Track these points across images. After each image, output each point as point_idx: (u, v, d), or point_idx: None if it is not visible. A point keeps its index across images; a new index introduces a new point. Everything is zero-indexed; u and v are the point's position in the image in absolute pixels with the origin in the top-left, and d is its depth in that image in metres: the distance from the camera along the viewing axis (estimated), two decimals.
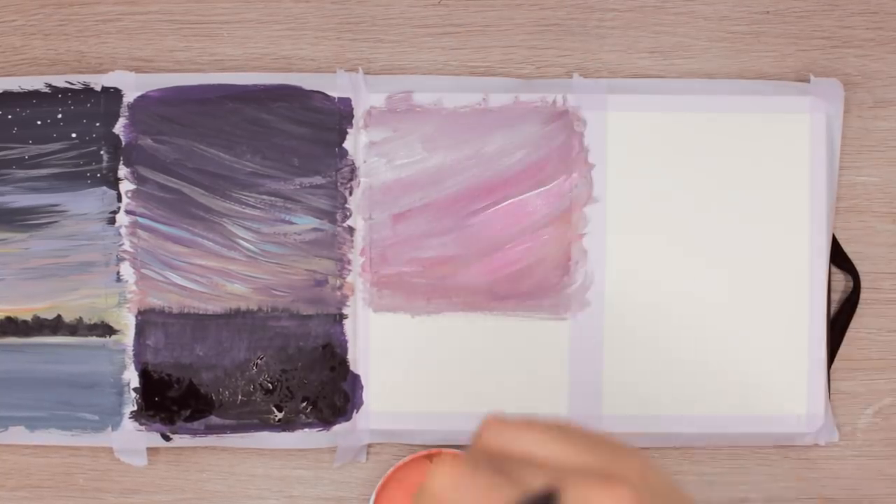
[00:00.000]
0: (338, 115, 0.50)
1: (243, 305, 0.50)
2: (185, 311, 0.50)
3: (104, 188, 0.50)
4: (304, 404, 0.50)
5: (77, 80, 0.50)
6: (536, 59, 0.52)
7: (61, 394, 0.50)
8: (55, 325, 0.50)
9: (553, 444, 0.33)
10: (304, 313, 0.50)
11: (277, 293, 0.50)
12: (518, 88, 0.50)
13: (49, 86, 0.50)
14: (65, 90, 0.50)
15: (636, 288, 0.50)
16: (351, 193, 0.50)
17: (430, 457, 0.50)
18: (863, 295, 0.51)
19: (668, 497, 0.33)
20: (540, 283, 0.50)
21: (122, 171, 0.50)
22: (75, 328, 0.50)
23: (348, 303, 0.50)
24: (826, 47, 0.51)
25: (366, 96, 0.50)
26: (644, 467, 0.33)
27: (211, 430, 0.50)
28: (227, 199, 0.50)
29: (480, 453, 0.34)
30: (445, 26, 0.52)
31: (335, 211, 0.50)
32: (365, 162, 0.50)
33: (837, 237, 0.51)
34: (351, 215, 0.50)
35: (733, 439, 0.51)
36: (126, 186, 0.50)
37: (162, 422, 0.50)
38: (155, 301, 0.50)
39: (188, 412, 0.50)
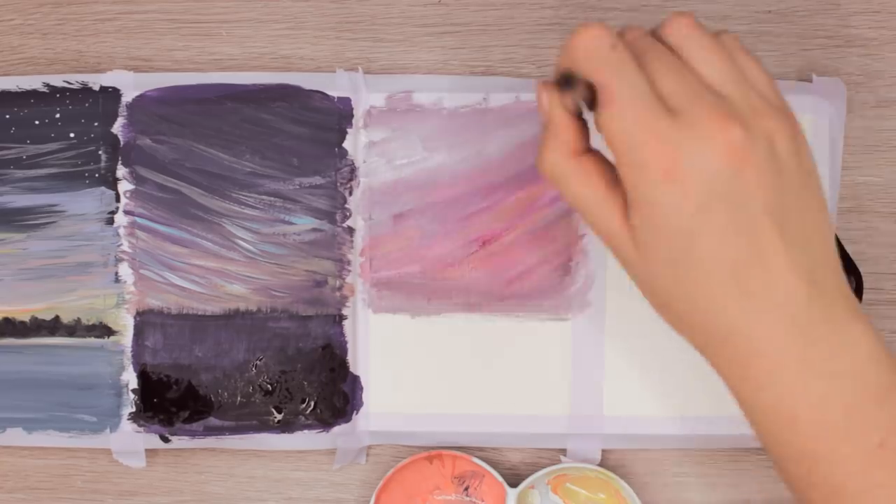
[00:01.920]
0: (337, 115, 0.50)
1: (242, 306, 0.50)
2: (184, 311, 0.50)
3: (102, 188, 0.50)
4: (304, 406, 0.50)
5: (75, 79, 0.50)
6: (537, 58, 0.51)
7: (59, 395, 0.50)
8: (53, 326, 0.50)
9: (719, 67, 0.34)
10: (304, 314, 0.50)
11: (277, 294, 0.50)
12: (519, 88, 0.50)
13: (47, 85, 0.50)
14: (63, 90, 0.50)
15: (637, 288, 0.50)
16: (351, 193, 0.50)
17: (430, 458, 0.50)
18: (865, 296, 0.51)
19: (791, 172, 0.33)
20: (541, 284, 0.50)
21: (121, 171, 0.50)
22: (73, 329, 0.50)
23: (348, 304, 0.50)
24: (828, 47, 0.51)
25: (365, 96, 0.50)
26: (784, 135, 0.33)
27: (210, 431, 0.50)
28: (226, 200, 0.50)
29: (643, 34, 0.35)
30: (446, 25, 0.51)
31: (335, 211, 0.50)
32: (365, 162, 0.50)
33: (840, 238, 0.51)
34: (350, 215, 0.50)
35: (735, 441, 0.51)
36: (124, 186, 0.50)
37: (160, 423, 0.50)
38: (154, 302, 0.50)
39: (187, 414, 0.50)
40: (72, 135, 0.50)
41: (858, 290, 0.51)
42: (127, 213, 0.50)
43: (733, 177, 0.32)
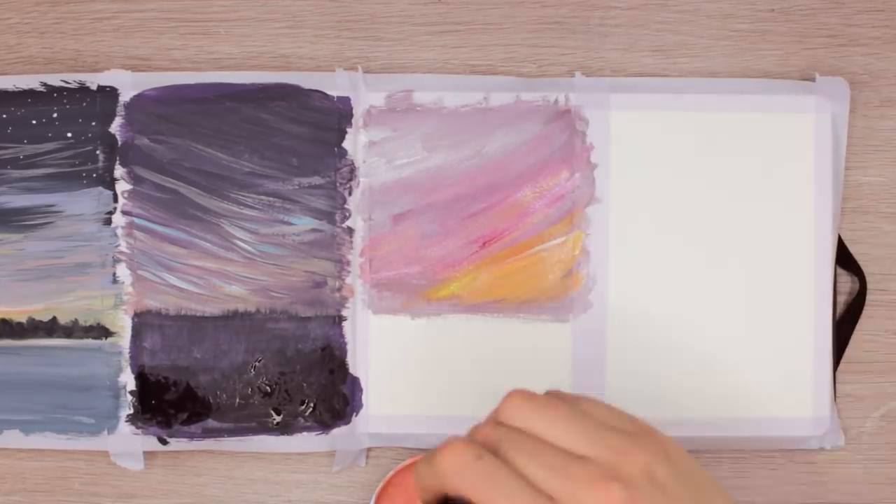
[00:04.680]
0: (337, 115, 0.50)
1: (241, 307, 0.50)
2: (183, 312, 0.50)
3: (100, 188, 0.50)
4: (303, 407, 0.50)
5: (73, 78, 0.50)
6: (538, 57, 0.51)
7: (57, 397, 0.50)
8: (50, 328, 0.50)
9: (567, 426, 0.34)
10: (303, 315, 0.50)
11: (276, 295, 0.50)
12: (519, 87, 0.50)
13: (44, 85, 0.50)
14: (60, 89, 0.50)
15: (639, 289, 0.50)
16: (350, 194, 0.50)
17: None
18: (869, 297, 0.51)
19: (680, 492, 0.33)
20: (541, 285, 0.50)
21: (119, 171, 0.50)
22: (71, 330, 0.50)
23: (347, 304, 0.50)
24: (832, 46, 0.51)
25: (365, 95, 0.50)
26: (656, 460, 0.33)
27: (208, 433, 0.50)
28: (225, 200, 0.50)
29: (490, 426, 0.35)
30: (446, 24, 0.51)
31: (334, 211, 0.50)
32: (364, 162, 0.50)
33: (843, 238, 0.51)
34: (350, 216, 0.50)
35: (737, 443, 0.51)
36: (122, 187, 0.50)
37: (159, 425, 0.50)
38: (152, 303, 0.50)
39: (185, 415, 0.50)
40: (69, 134, 0.50)
41: (861, 292, 0.51)
42: (125, 213, 0.50)
43: None
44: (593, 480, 0.32)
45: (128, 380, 0.50)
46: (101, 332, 0.50)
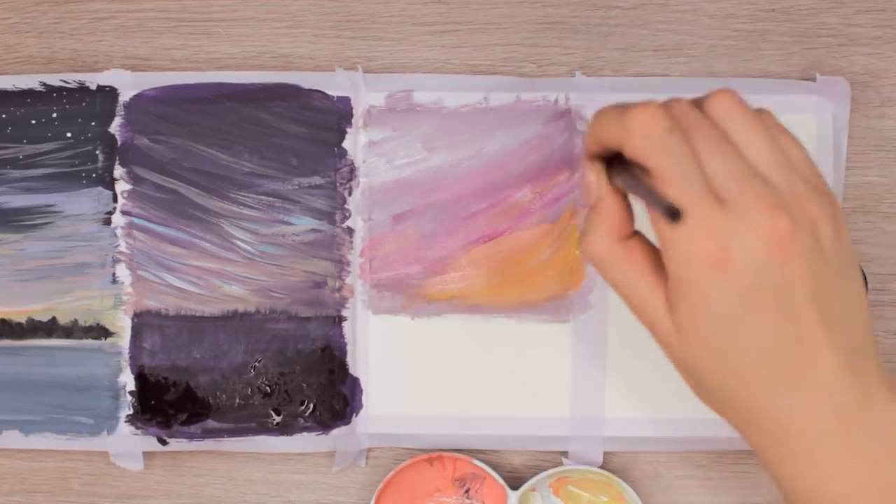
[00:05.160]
0: (337, 115, 0.50)
1: (241, 307, 0.50)
2: (182, 313, 0.50)
3: (100, 188, 0.50)
4: (303, 408, 0.50)
5: (72, 78, 0.50)
6: (538, 57, 0.51)
7: (56, 397, 0.50)
8: (50, 328, 0.50)
9: (762, 149, 0.34)
10: (303, 315, 0.50)
11: (275, 295, 0.50)
12: (520, 87, 0.50)
13: (44, 84, 0.50)
14: (59, 89, 0.50)
15: None
16: (350, 194, 0.50)
17: (430, 460, 0.50)
18: (870, 297, 0.51)
19: (833, 257, 0.34)
20: (542, 285, 0.50)
21: (118, 171, 0.50)
22: (70, 330, 0.50)
23: (347, 305, 0.50)
24: (832, 45, 0.51)
25: (365, 95, 0.50)
26: (825, 220, 0.34)
27: (208, 433, 0.50)
28: (225, 200, 0.50)
29: (689, 109, 0.35)
30: (446, 24, 0.51)
31: (334, 211, 0.50)
32: (364, 162, 0.50)
33: None
34: (350, 216, 0.50)
35: (737, 443, 0.50)
36: (122, 187, 0.50)
37: (158, 425, 0.50)
38: (151, 303, 0.50)
39: (185, 416, 0.50)
40: (69, 134, 0.50)
41: None
42: (124, 213, 0.50)
43: (779, 267, 0.32)
44: (766, 201, 0.32)
45: (127, 380, 0.50)
46: (101, 332, 0.50)
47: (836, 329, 0.33)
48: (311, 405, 0.50)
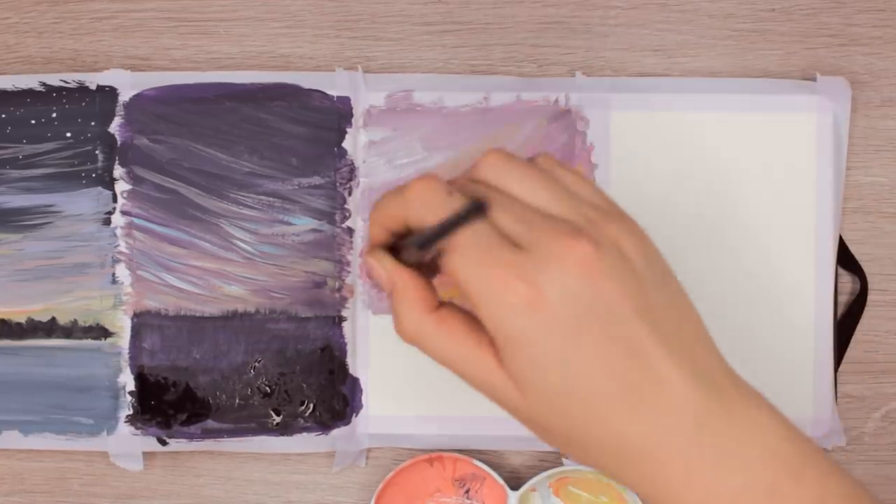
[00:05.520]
0: (337, 115, 0.50)
1: (241, 307, 0.50)
2: (182, 313, 0.50)
3: (99, 188, 0.50)
4: (303, 408, 0.50)
5: (72, 78, 0.50)
6: (538, 57, 0.51)
7: (56, 397, 0.50)
8: (50, 328, 0.50)
9: (543, 192, 0.33)
10: (303, 315, 0.50)
11: (275, 295, 0.50)
12: (520, 87, 0.50)
13: (43, 84, 0.50)
14: (59, 89, 0.50)
15: None
16: (350, 194, 0.50)
17: (430, 461, 0.50)
18: (870, 297, 0.51)
19: (645, 270, 0.33)
20: None
21: (118, 171, 0.50)
22: (70, 331, 0.50)
23: (347, 305, 0.50)
24: (833, 45, 0.51)
25: (365, 95, 0.50)
26: (626, 237, 0.33)
27: (208, 434, 0.50)
28: (225, 200, 0.50)
29: (465, 179, 0.35)
30: (446, 24, 0.51)
31: (334, 211, 0.50)
32: (364, 162, 0.50)
33: (844, 238, 0.51)
34: (350, 216, 0.50)
35: None
36: (122, 187, 0.50)
37: (158, 426, 0.50)
38: (151, 303, 0.50)
39: (185, 416, 0.50)
40: (68, 134, 0.50)
41: (863, 292, 0.51)
42: (124, 213, 0.50)
43: (594, 289, 0.31)
44: (563, 233, 0.32)
45: (127, 380, 0.50)
46: (101, 332, 0.50)
47: (673, 341, 0.32)
48: (311, 405, 0.50)
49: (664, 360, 0.32)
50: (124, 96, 0.50)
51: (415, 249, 0.33)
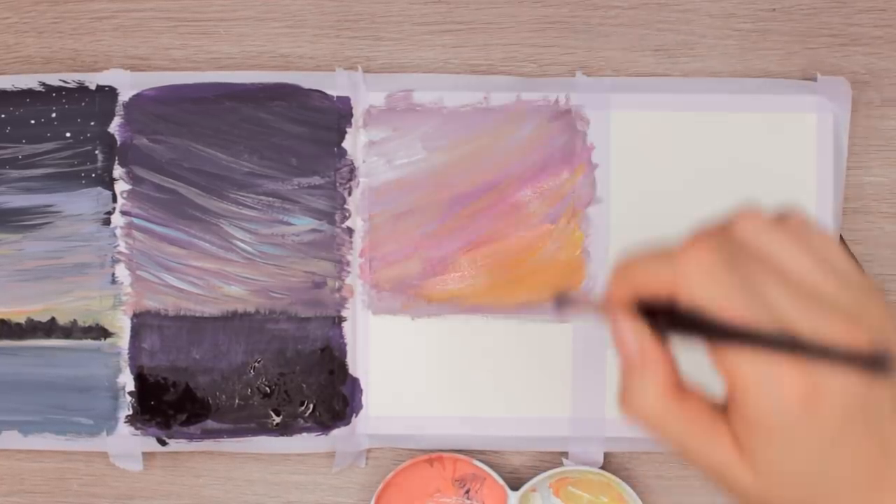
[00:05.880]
0: (337, 115, 0.50)
1: (240, 308, 0.50)
2: (182, 313, 0.50)
3: (99, 188, 0.50)
4: (303, 408, 0.50)
5: (71, 78, 0.50)
6: (539, 57, 0.51)
7: (55, 398, 0.50)
8: (49, 328, 0.49)
9: (810, 265, 0.31)
10: (303, 316, 0.50)
11: (275, 295, 0.50)
12: (520, 87, 0.50)
13: (43, 84, 0.50)
14: (59, 89, 0.49)
15: None
16: (350, 194, 0.50)
17: (430, 461, 0.50)
18: None
19: None
20: (542, 285, 0.50)
21: (118, 171, 0.50)
22: (70, 331, 0.50)
23: (347, 305, 0.50)
24: (833, 45, 0.51)
25: (365, 95, 0.50)
26: (885, 317, 0.31)
27: (208, 434, 0.49)
28: (224, 200, 0.49)
29: (728, 243, 0.31)
30: (446, 24, 0.51)
31: (334, 211, 0.50)
32: (364, 162, 0.50)
33: (845, 238, 0.51)
34: (350, 216, 0.50)
35: None
36: (121, 187, 0.50)
37: (158, 426, 0.49)
38: (151, 303, 0.49)
39: (184, 416, 0.49)
40: (68, 134, 0.50)
41: None
42: (124, 213, 0.50)
43: (868, 388, 0.30)
44: (840, 318, 0.30)
45: (127, 380, 0.50)
46: (100, 332, 0.50)
47: None
48: (311, 406, 0.50)
49: None
50: (124, 96, 0.49)
51: (666, 334, 0.31)
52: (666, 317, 0.32)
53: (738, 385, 0.31)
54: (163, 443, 0.50)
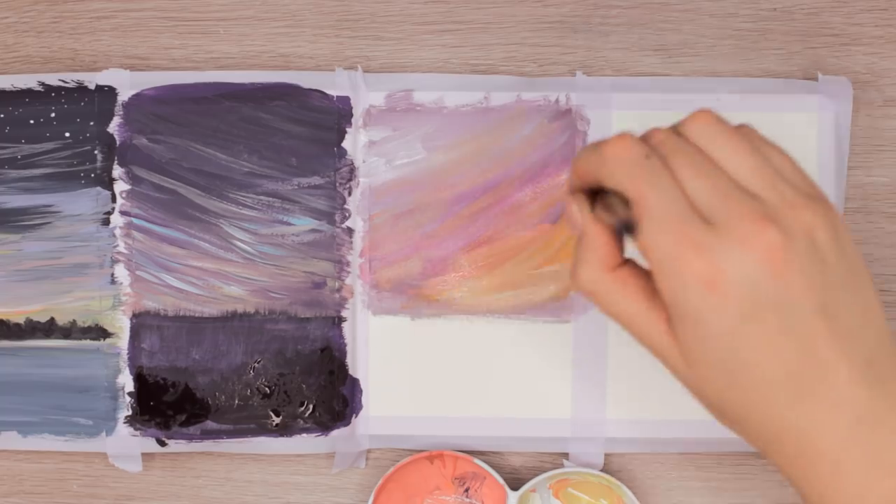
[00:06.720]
0: (336, 114, 0.49)
1: (240, 308, 0.49)
2: (181, 313, 0.49)
3: (98, 188, 0.49)
4: (302, 409, 0.50)
5: (71, 78, 0.49)
6: (539, 56, 0.51)
7: (54, 398, 0.49)
8: (48, 329, 0.49)
9: (745, 162, 0.33)
10: (302, 316, 0.50)
11: (275, 295, 0.49)
12: (520, 87, 0.50)
13: (42, 84, 0.49)
14: (58, 88, 0.49)
15: None
16: (350, 194, 0.50)
17: (430, 458, 0.50)
18: None
19: (835, 266, 0.32)
20: (542, 285, 0.50)
21: (117, 171, 0.49)
22: (69, 331, 0.49)
23: (347, 305, 0.50)
24: (835, 45, 0.51)
25: (365, 95, 0.50)
26: (822, 226, 0.32)
27: (207, 435, 0.49)
28: (224, 200, 0.49)
29: (666, 135, 0.34)
30: (446, 23, 0.51)
31: (334, 212, 0.50)
32: (364, 162, 0.50)
33: None
34: (350, 216, 0.50)
35: (739, 445, 0.50)
36: (121, 187, 0.49)
37: (157, 427, 0.49)
38: (150, 304, 0.49)
39: (184, 417, 0.49)
40: (67, 134, 0.49)
41: None
42: (123, 213, 0.49)
43: (777, 282, 0.31)
44: (754, 215, 0.31)
45: (126, 381, 0.50)
46: (100, 333, 0.50)
47: (849, 339, 0.32)
48: (311, 406, 0.50)
49: (837, 359, 0.32)
50: (123, 96, 0.49)
51: (605, 214, 0.34)
52: (600, 202, 0.35)
53: (652, 266, 0.33)
54: (162, 443, 0.50)
